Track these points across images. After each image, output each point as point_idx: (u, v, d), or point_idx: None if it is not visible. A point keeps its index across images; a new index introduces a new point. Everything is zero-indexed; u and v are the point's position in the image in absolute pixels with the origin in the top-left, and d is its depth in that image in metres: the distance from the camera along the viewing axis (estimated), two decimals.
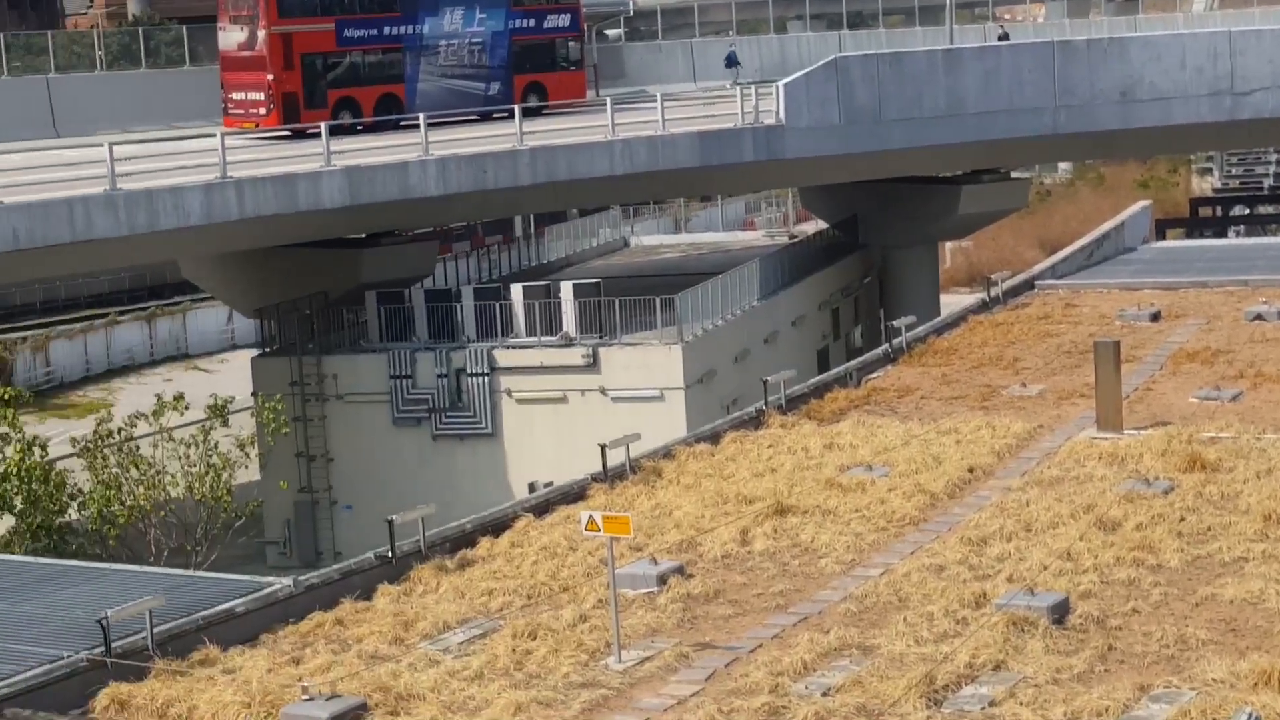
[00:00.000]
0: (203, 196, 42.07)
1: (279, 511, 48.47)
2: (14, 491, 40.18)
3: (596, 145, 49.13)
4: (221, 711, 19.23)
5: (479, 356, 46.95)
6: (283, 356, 48.86)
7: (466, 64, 57.51)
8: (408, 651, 21.20)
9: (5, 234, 38.60)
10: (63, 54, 68.27)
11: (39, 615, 23.53)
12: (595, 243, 66.86)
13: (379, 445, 47.88)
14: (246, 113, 53.84)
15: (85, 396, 67.96)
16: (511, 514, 27.09)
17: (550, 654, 20.61)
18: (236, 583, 24.84)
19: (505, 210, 63.71)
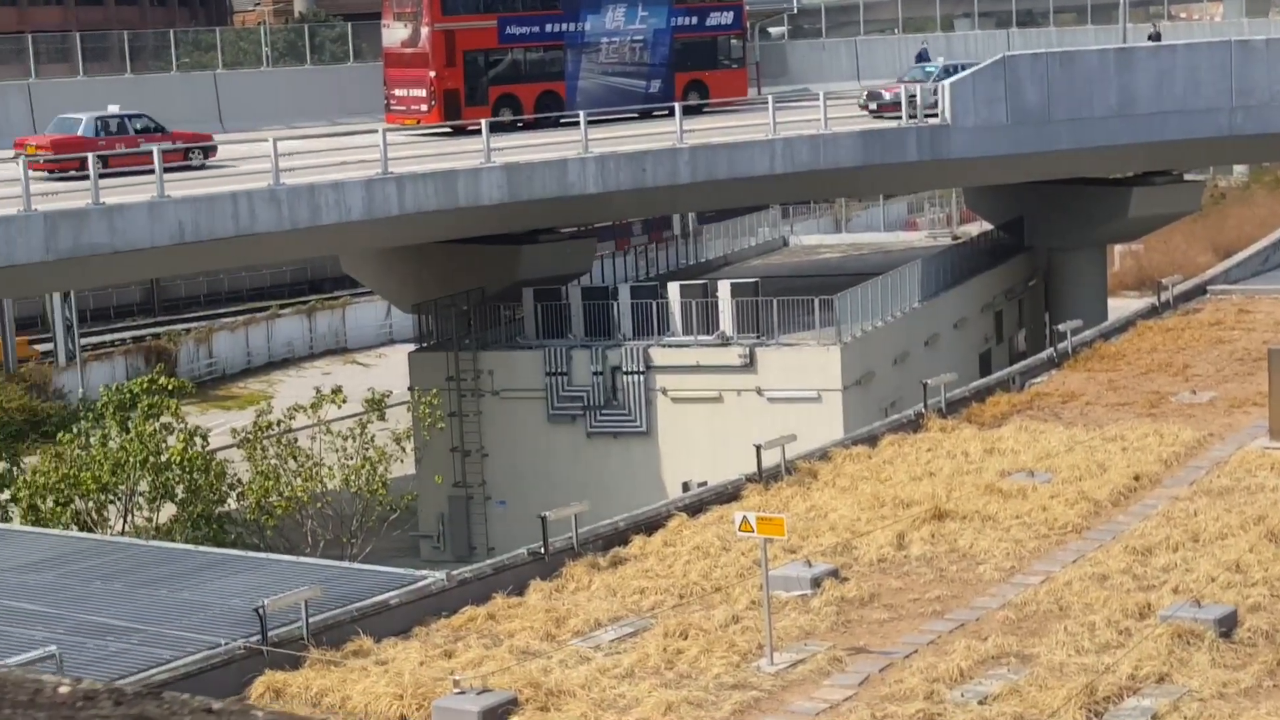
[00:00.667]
0: (364, 192, 42.41)
1: (433, 505, 48.75)
2: (176, 481, 40.77)
3: (757, 144, 48.84)
4: (374, 702, 19.26)
5: (635, 354, 46.84)
6: (439, 352, 49.12)
7: (628, 61, 57.46)
8: (559, 648, 21.11)
9: (171, 227, 39.19)
10: (230, 50, 69.38)
11: (198, 603, 23.80)
12: (754, 242, 66.52)
13: (533, 441, 47.97)
14: (408, 109, 54.24)
15: (246, 388, 68.93)
16: (665, 513, 26.93)
17: (701, 654, 20.42)
18: (390, 575, 24.96)
19: (664, 208, 63.54)
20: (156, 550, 28.32)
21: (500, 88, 54.82)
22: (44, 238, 37.05)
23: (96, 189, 38.17)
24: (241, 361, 72.46)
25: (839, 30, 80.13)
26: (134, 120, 46.58)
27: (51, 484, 39.18)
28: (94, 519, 39.73)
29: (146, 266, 45.59)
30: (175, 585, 24.85)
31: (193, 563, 26.60)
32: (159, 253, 39.97)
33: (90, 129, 45.77)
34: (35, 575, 25.74)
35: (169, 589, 24.65)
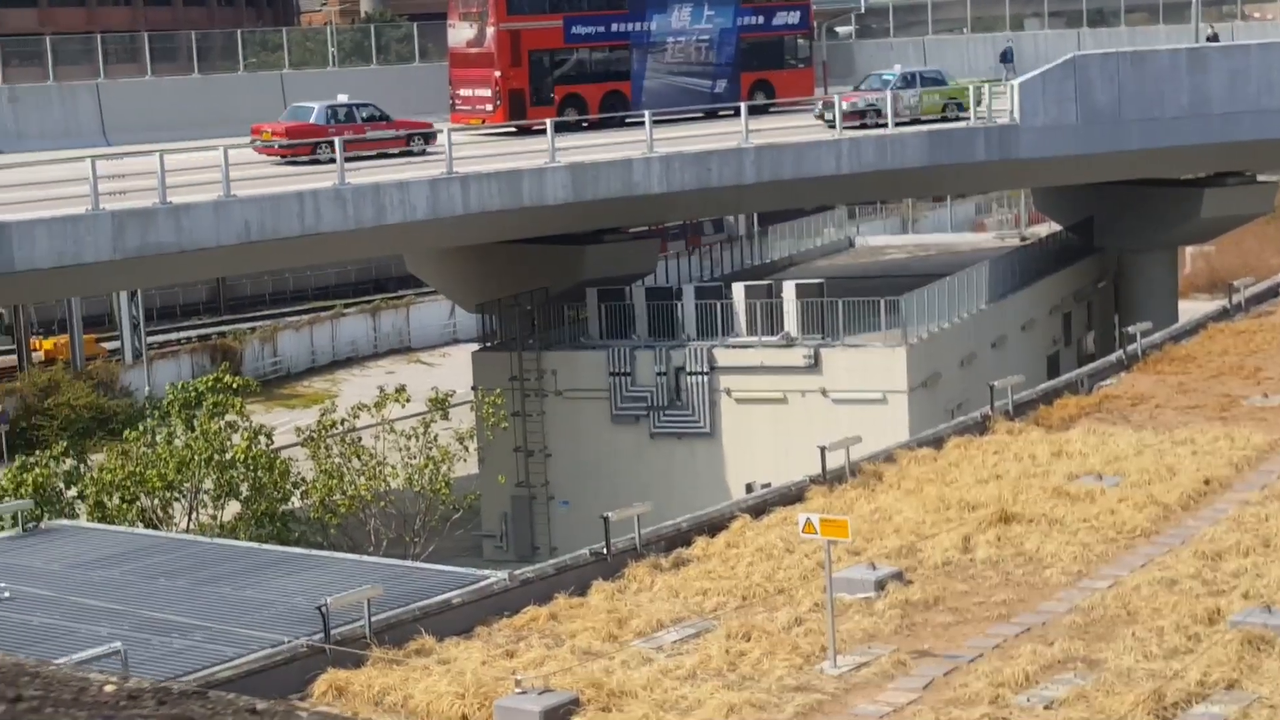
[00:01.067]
0: (428, 191, 42.47)
1: (496, 505, 48.77)
2: (240, 478, 40.93)
3: (823, 144, 48.64)
4: (436, 701, 19.23)
5: (699, 355, 46.72)
6: (503, 351, 49.15)
7: (693, 61, 57.34)
8: (621, 649, 21.02)
9: (237, 226, 39.34)
10: (297, 50, 69.65)
11: (261, 600, 23.85)
12: (819, 242, 66.28)
13: (597, 442, 47.92)
14: (473, 109, 54.29)
15: (310, 387, 69.21)
16: (728, 514, 26.82)
17: (764, 656, 20.29)
18: (453, 574, 24.95)
19: (728, 209, 63.43)
20: (221, 548, 28.43)
21: (565, 87, 54.81)
22: (111, 237, 37.27)
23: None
24: (306, 360, 72.77)
25: (907, 30, 79.64)
26: (361, 109, 49.17)
27: (118, 481, 39.41)
28: (159, 516, 39.93)
29: (212, 265, 45.84)
30: (239, 583, 24.91)
31: (256, 560, 26.67)
32: (225, 252, 40.15)
33: (321, 116, 48.49)
34: (101, 572, 25.87)
35: (233, 586, 24.72)
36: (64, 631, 22.40)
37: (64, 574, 25.77)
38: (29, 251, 36.09)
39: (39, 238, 36.24)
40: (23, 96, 58.01)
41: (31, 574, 25.68)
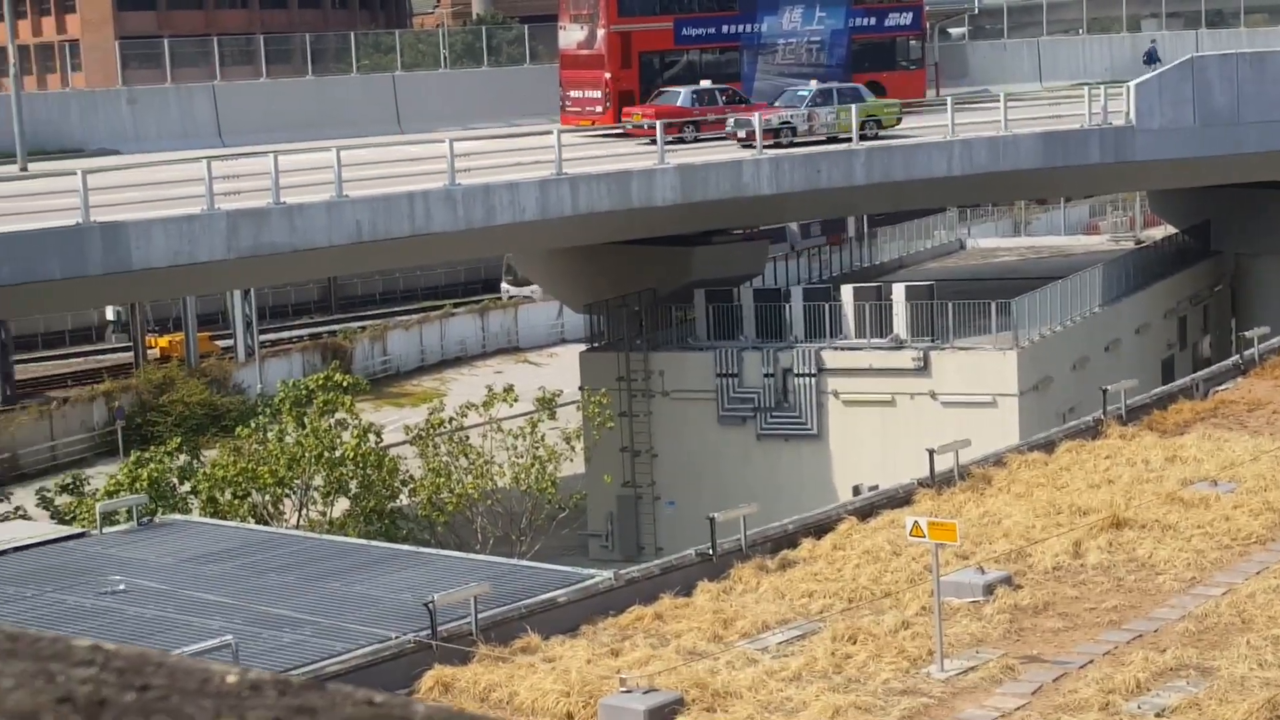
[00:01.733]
0: (538, 192, 42.60)
1: (602, 505, 48.82)
2: (350, 476, 41.25)
3: (935, 145, 48.30)
4: (541, 699, 19.28)
5: (806, 357, 46.53)
6: (611, 352, 49.19)
7: (804, 62, 57.12)
8: (726, 649, 20.98)
9: (349, 227, 39.66)
10: (409, 52, 70.16)
11: (369, 597, 24.03)
12: (930, 244, 65.83)
13: (703, 443, 47.84)
14: (583, 110, 54.40)
15: (419, 386, 69.63)
16: (835, 516, 26.71)
17: (870, 659, 20.18)
18: (559, 573, 25.02)
19: (838, 210, 63.15)
20: (330, 544, 28.68)
21: (677, 88, 54.76)
22: (226, 236, 37.70)
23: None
24: (415, 359, 73.24)
25: (1021, 31, 78.91)
26: (722, 93, 52.14)
27: (230, 477, 39.85)
28: (270, 512, 40.34)
29: (324, 265, 46.26)
30: (348, 579, 25.12)
31: (365, 557, 26.88)
32: (336, 251, 40.49)
33: (688, 100, 51.61)
34: (213, 566, 26.18)
35: (341, 582, 24.92)
36: (177, 624, 22.70)
37: (177, 568, 26.10)
38: (146, 251, 36.59)
39: (155, 237, 36.73)
40: (141, 98, 58.84)
41: (146, 567, 26.04)
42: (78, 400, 61.50)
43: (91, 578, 25.45)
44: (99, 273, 36.33)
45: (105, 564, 26.30)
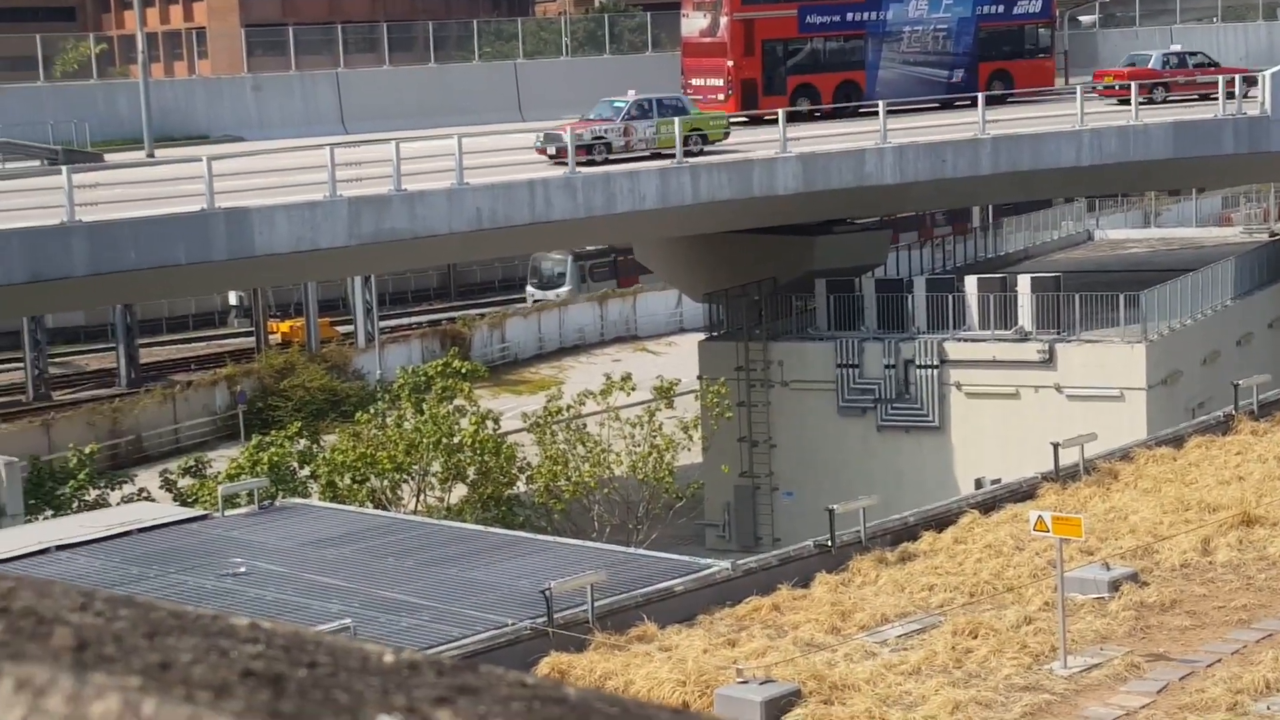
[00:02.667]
0: (658, 181, 42.46)
1: (719, 495, 48.63)
2: (467, 462, 41.38)
3: (1063, 135, 47.60)
4: (657, 688, 19.16)
5: (929, 348, 46.06)
6: (729, 341, 48.98)
7: (930, 51, 56.53)
8: (844, 641, 20.75)
9: (469, 214, 39.73)
10: (531, 40, 70.36)
11: (486, 583, 24.03)
12: (1056, 235, 64.95)
13: (822, 433, 47.52)
14: (705, 98, 54.16)
15: (537, 373, 69.78)
16: (956, 509, 26.39)
17: (992, 654, 19.88)
18: (676, 563, 24.90)
19: (963, 200, 62.45)
20: (447, 530, 28.74)
21: (798, 77, 54.42)
22: (347, 223, 37.90)
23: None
24: (533, 347, 73.40)
25: (1153, 18, 77.54)
26: (1191, 56, 55.48)
27: (349, 462, 40.10)
28: (388, 497, 40.54)
29: (444, 252, 46.40)
30: (465, 565, 25.13)
31: (482, 543, 26.89)
32: (456, 238, 40.59)
33: (1159, 62, 54.53)
34: (332, 550, 26.29)
35: (459, 568, 24.94)
36: (296, 607, 22.81)
37: (297, 551, 26.24)
38: (268, 236, 36.87)
39: (278, 223, 37.00)
40: (265, 85, 59.37)
41: (266, 550, 26.21)
42: (200, 384, 62.24)
43: (213, 560, 25.66)
44: (223, 258, 36.67)
45: (226, 546, 26.51)
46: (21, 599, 2.00)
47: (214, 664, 1.80)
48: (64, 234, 34.49)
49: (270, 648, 1.87)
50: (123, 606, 1.97)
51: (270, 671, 1.80)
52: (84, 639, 1.83)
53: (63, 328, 70.48)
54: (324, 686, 1.79)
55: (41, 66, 62.51)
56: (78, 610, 1.95)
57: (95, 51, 71.44)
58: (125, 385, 65.46)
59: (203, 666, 1.79)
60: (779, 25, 54.40)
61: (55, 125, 53.83)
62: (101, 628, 1.88)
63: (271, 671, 1.80)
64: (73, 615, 1.93)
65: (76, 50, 76.38)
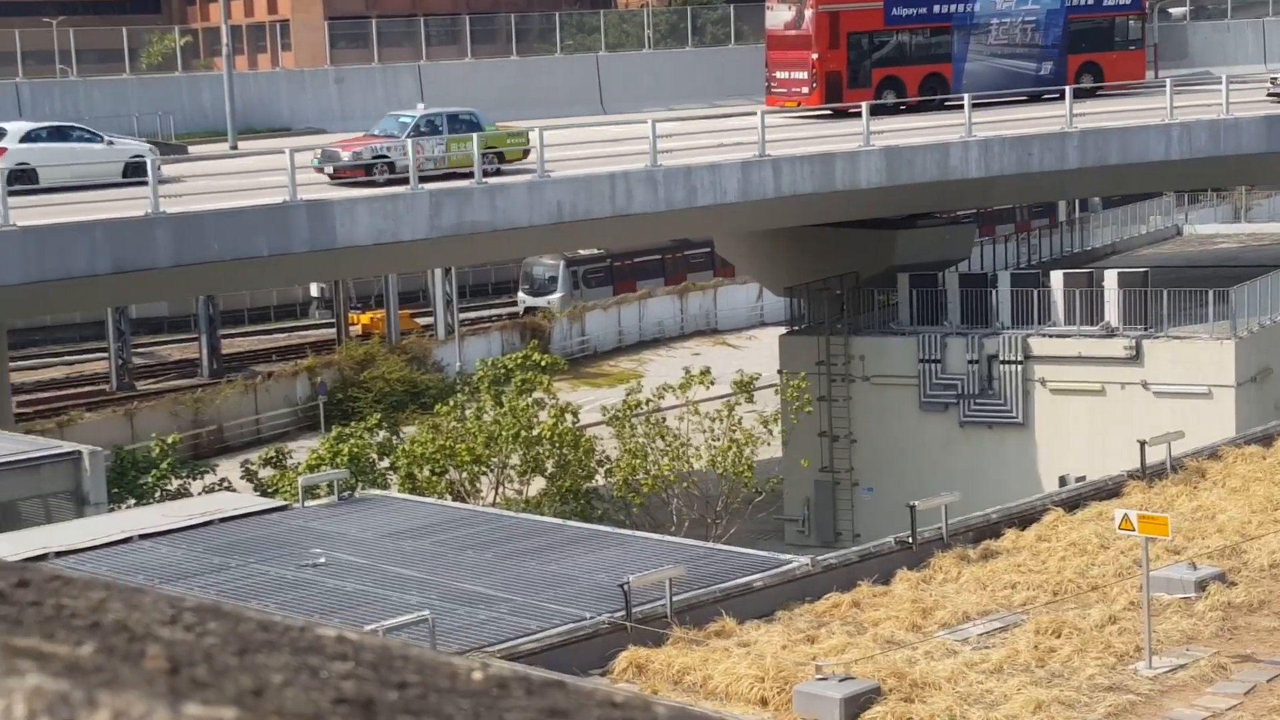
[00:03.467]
0: (740, 174, 42.26)
1: (799, 489, 48.39)
2: (546, 455, 41.33)
3: (1152, 128, 47.02)
4: (735, 683, 19.02)
5: (1013, 344, 45.63)
6: (811, 335, 48.72)
7: (1018, 43, 56.00)
8: (925, 639, 20.53)
9: (550, 207, 39.70)
10: (613, 33, 70.26)
11: (564, 576, 23.95)
12: (1144, 230, 64.21)
13: (904, 429, 47.19)
14: (789, 91, 53.93)
15: (616, 366, 69.71)
16: (1040, 507, 26.09)
17: (1075, 654, 19.61)
18: (755, 558, 24.74)
19: (1049, 194, 61.91)
20: (526, 523, 28.68)
21: (884, 70, 54.05)
22: (428, 215, 37.95)
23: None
24: (613, 340, 73.36)
25: (1245, 11, 76.47)
26: None
27: (428, 454, 40.14)
28: (467, 489, 40.57)
29: (524, 245, 46.39)
30: (543, 558, 25.06)
31: (560, 537, 26.82)
32: (537, 231, 40.56)
33: None
34: (411, 542, 26.29)
35: (537, 561, 24.87)
36: (375, 598, 22.82)
37: (376, 542, 26.26)
38: (350, 229, 36.99)
39: (360, 216, 37.11)
40: (348, 78, 59.64)
41: (346, 541, 26.25)
42: (281, 375, 62.61)
43: (293, 550, 25.72)
44: (304, 250, 36.82)
45: (306, 537, 26.57)
46: (112, 611, 1.95)
47: (306, 687, 1.76)
48: (148, 226, 34.73)
49: (359, 665, 1.84)
50: (211, 618, 1.93)
51: (362, 696, 1.76)
52: (176, 659, 1.80)
53: (146, 318, 71.11)
54: (414, 711, 1.76)
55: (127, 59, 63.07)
56: (168, 624, 1.92)
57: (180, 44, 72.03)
58: (207, 376, 65.97)
59: (295, 690, 1.75)
60: (865, 18, 54.06)
61: (140, 118, 54.29)
62: (192, 644, 1.85)
63: (363, 696, 1.76)
64: (163, 630, 1.89)
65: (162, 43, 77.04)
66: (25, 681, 1.70)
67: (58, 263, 33.80)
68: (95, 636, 1.85)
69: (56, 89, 58.41)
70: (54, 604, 1.94)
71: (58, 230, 34.11)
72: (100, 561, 24.78)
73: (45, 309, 43.86)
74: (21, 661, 1.75)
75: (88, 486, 29.13)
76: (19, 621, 1.89)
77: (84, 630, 1.87)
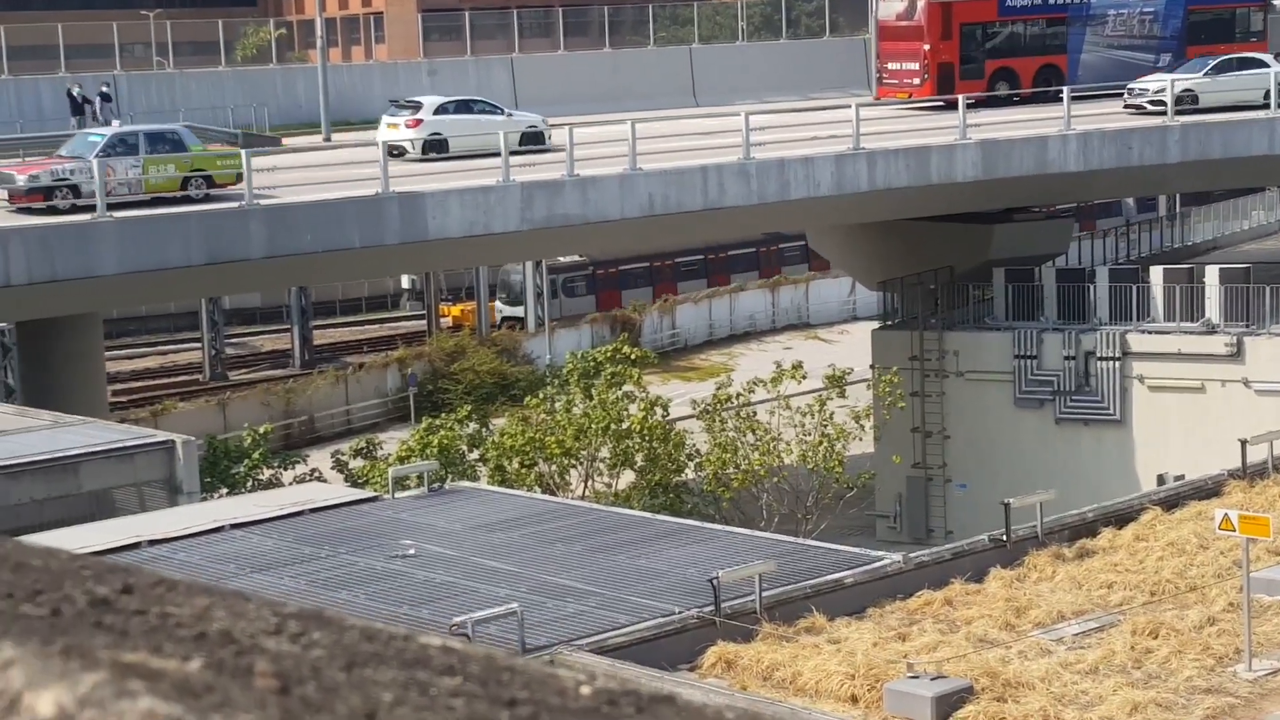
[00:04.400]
0: (834, 167, 41.98)
1: (891, 485, 48.01)
2: (636, 448, 41.21)
3: (1255, 122, 46.26)
4: (825, 680, 18.81)
5: (1110, 340, 45.02)
6: (904, 330, 48.31)
7: (1135, 35, 55.25)
8: (1018, 638, 20.22)
9: (641, 199, 39.59)
10: (706, 25, 70.03)
11: (654, 570, 23.81)
12: (1247, 225, 63.26)
13: (998, 425, 46.69)
14: (900, 83, 53.66)
15: (707, 360, 69.49)
16: (1137, 505, 25.68)
17: (1172, 655, 19.25)
18: (846, 554, 24.49)
19: (1149, 188, 61.09)
20: (615, 516, 28.56)
21: (997, 61, 53.48)
22: (520, 208, 37.94)
23: None
24: (704, 333, 73.11)
25: None
26: None
27: (518, 446, 40.12)
28: (556, 482, 40.52)
29: (615, 237, 46.30)
30: (632, 552, 24.93)
31: (650, 530, 26.67)
32: (628, 224, 40.45)
33: None
34: (500, 534, 26.24)
35: (626, 555, 24.74)
36: (464, 590, 22.77)
37: (465, 534, 26.22)
38: (442, 221, 37.05)
39: (452, 207, 37.16)
40: (441, 70, 59.84)
41: (435, 533, 26.23)
42: (372, 366, 62.87)
43: (383, 541, 25.72)
44: (396, 242, 36.91)
45: (396, 528, 26.57)
46: (217, 619, 1.89)
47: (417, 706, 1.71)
48: (242, 217, 34.93)
49: (468, 680, 1.79)
50: (315, 626, 1.90)
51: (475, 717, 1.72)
52: (285, 675, 1.75)
53: (239, 309, 71.64)
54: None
55: (223, 51, 63.56)
56: (273, 634, 1.88)
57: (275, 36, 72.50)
58: (299, 366, 66.38)
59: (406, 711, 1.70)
60: (978, 9, 53.58)
61: (235, 109, 54.70)
62: (299, 658, 1.81)
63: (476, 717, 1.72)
64: (269, 641, 1.85)
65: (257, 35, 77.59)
66: (137, 705, 1.63)
67: (153, 254, 34.08)
68: (202, 649, 1.80)
69: (153, 81, 58.98)
70: (159, 612, 1.89)
71: (153, 221, 34.43)
72: (192, 550, 24.91)
73: (140, 299, 44.25)
74: (132, 682, 1.67)
75: (181, 475, 29.28)
76: (125, 632, 1.84)
77: (190, 642, 1.82)
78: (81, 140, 38.80)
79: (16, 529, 26.35)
